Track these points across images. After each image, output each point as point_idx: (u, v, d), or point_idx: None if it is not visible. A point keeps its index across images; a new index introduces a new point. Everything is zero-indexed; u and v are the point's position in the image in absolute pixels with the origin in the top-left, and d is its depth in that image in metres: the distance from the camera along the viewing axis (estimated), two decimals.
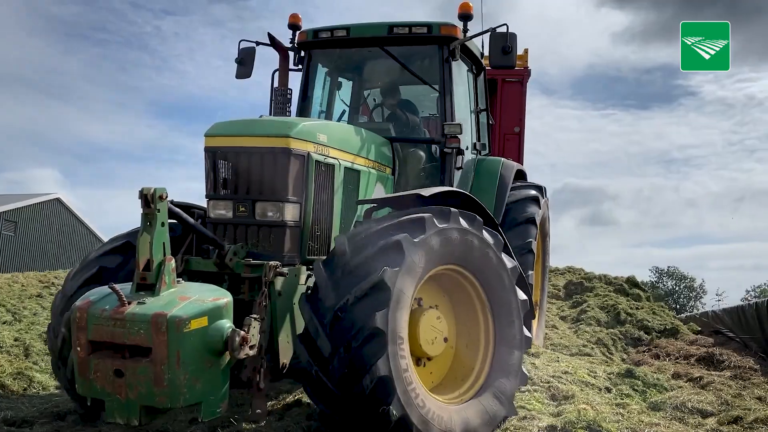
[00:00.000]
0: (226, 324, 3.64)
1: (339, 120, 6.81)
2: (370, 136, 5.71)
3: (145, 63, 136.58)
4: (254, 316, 3.87)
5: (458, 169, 6.25)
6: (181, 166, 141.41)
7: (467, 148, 6.65)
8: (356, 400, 3.79)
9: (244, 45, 6.54)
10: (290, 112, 6.42)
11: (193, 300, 3.65)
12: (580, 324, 9.57)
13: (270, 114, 6.30)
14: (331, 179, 4.96)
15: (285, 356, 4.29)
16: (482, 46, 7.37)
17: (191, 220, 4.42)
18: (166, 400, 3.49)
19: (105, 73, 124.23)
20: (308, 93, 6.66)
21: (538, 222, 7.14)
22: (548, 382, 5.72)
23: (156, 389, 3.46)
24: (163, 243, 3.76)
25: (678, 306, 57.83)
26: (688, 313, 17.84)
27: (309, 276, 4.50)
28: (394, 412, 3.77)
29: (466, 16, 6.22)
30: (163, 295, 3.68)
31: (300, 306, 4.13)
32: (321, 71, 6.85)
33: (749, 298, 37.24)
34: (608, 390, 6.04)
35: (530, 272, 6.55)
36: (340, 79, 7.09)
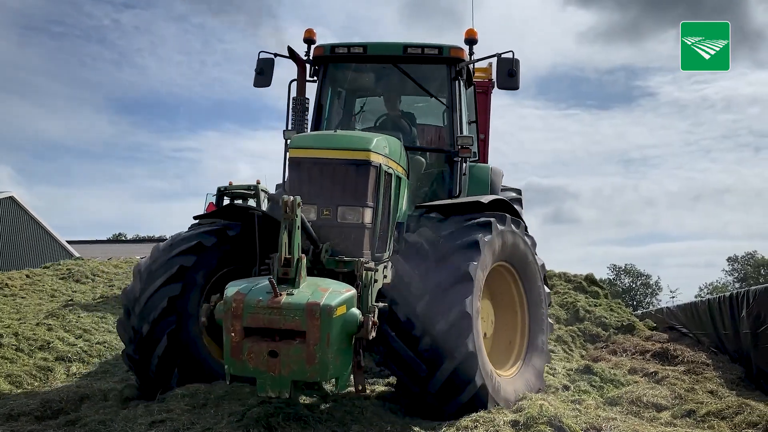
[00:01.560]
0: (357, 311, 4.34)
1: (336, 128, 7.17)
2: (403, 147, 6.24)
3: (105, 57, 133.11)
4: (377, 304, 4.75)
5: (463, 175, 6.80)
6: (142, 164, 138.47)
7: None
8: (439, 331, 4.73)
9: (263, 56, 6.93)
10: (308, 120, 6.88)
11: (332, 291, 4.30)
12: None
13: (288, 122, 6.80)
14: (389, 186, 5.63)
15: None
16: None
17: (306, 222, 4.88)
18: (317, 375, 4.14)
19: (63, 68, 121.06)
20: (322, 103, 7.17)
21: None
22: None
23: (308, 366, 4.08)
24: (298, 243, 4.42)
25: (635, 303, 59.28)
26: (644, 310, 18.25)
27: (376, 271, 5.24)
28: (469, 346, 4.73)
29: (471, 41, 6.91)
30: (305, 287, 4.32)
31: (394, 261, 5.26)
32: (334, 83, 7.37)
33: (703, 295, 38.39)
34: (567, 386, 6.16)
35: None
36: (340, 89, 7.55)
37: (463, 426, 4.44)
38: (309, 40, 7.09)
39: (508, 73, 6.55)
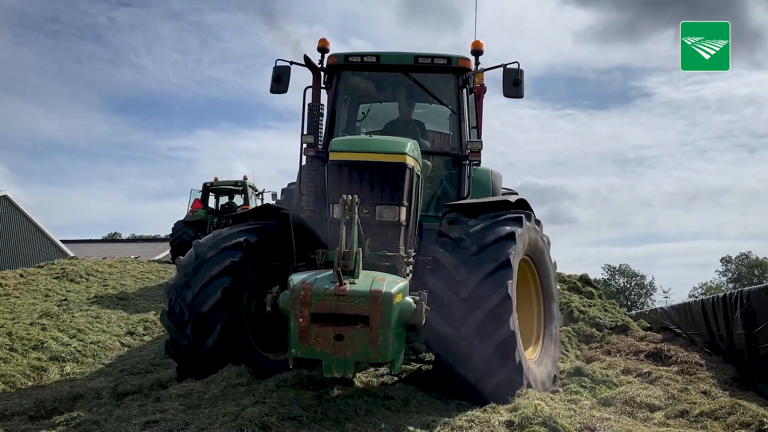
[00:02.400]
0: (410, 299, 4.83)
1: (344, 132, 7.68)
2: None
3: (100, 56, 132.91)
4: (423, 291, 5.13)
5: (468, 178, 7.21)
6: (136, 163, 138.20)
7: None
8: (486, 352, 5.07)
9: (280, 64, 7.24)
10: (322, 125, 7.21)
11: (389, 280, 4.81)
12: None
13: (304, 128, 7.05)
14: (417, 186, 6.10)
15: None
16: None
17: (359, 220, 5.21)
18: (378, 356, 4.65)
19: (58, 66, 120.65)
20: (336, 108, 7.52)
21: None
22: None
23: (371, 348, 4.56)
24: (356, 238, 4.92)
25: (629, 303, 59.44)
26: (638, 310, 18.29)
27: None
28: (516, 360, 5.14)
29: (477, 52, 7.33)
30: (364, 277, 4.80)
31: (429, 281, 5.39)
32: (347, 90, 7.74)
33: (697, 296, 38.50)
34: (562, 386, 6.16)
35: None
36: (352, 95, 7.94)
37: (458, 426, 4.44)
38: (323, 48, 7.38)
39: (514, 82, 7.01)
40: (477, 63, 7.35)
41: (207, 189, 21.58)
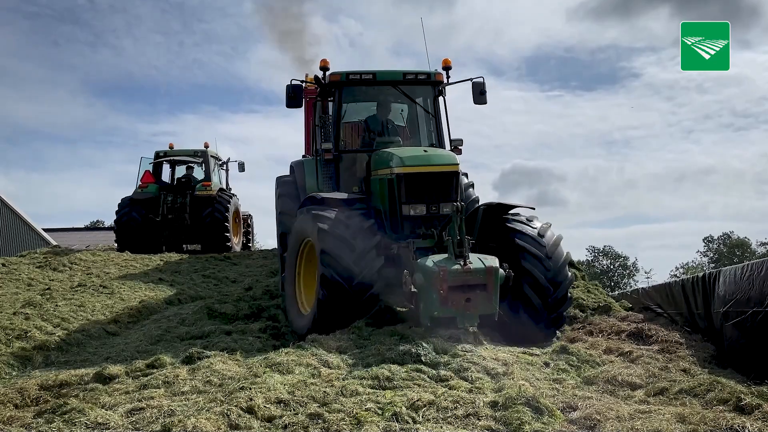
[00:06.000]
0: (502, 270, 6.99)
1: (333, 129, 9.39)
2: None
3: (79, 38, 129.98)
4: (505, 264, 7.18)
5: None
6: (117, 148, 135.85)
7: None
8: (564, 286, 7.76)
9: (294, 83, 8.94)
10: (331, 134, 9.08)
11: (490, 259, 6.91)
12: None
13: (317, 138, 9.25)
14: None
15: None
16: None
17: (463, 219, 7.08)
18: (491, 310, 6.81)
19: (36, 49, 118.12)
20: (340, 116, 9.17)
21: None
22: (494, 359, 5.95)
23: (487, 305, 6.77)
24: (464, 231, 6.89)
25: (612, 284, 60.09)
26: (621, 291, 18.48)
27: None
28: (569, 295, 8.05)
29: (447, 68, 9.33)
30: (474, 258, 6.83)
31: (520, 237, 7.75)
32: (347, 100, 9.43)
33: (678, 275, 39.02)
34: (546, 365, 6.25)
35: None
36: (349, 103, 9.64)
37: (443, 407, 4.51)
38: (324, 68, 9.17)
39: (480, 92, 9.13)
40: (448, 76, 9.33)
41: (160, 159, 18.23)
